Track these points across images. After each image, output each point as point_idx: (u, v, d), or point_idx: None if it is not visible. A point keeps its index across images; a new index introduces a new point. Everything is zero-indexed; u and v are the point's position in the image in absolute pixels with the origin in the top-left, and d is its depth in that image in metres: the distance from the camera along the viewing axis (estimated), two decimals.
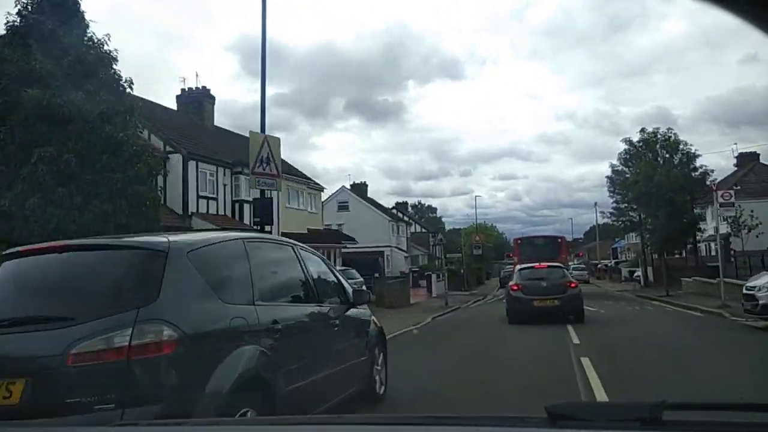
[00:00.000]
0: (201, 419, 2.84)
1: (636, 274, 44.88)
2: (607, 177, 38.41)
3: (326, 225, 52.00)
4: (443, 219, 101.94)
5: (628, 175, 37.48)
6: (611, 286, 43.96)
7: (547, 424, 1.43)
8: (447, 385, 7.20)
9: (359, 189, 55.10)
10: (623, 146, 37.05)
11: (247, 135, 11.83)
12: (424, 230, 68.35)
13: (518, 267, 17.40)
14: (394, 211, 66.92)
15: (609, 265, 66.61)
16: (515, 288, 15.16)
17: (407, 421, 1.87)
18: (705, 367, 8.52)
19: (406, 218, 66.07)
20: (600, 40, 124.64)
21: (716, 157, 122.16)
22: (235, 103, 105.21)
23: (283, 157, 12.38)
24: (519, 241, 30.18)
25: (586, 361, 8.32)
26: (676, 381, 7.21)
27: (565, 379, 7.31)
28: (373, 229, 49.18)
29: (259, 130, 10.90)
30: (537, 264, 16.18)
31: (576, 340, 11.33)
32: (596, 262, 76.70)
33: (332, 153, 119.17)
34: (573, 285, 15.09)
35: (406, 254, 49.90)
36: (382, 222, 50.02)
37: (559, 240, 29.73)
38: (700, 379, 7.41)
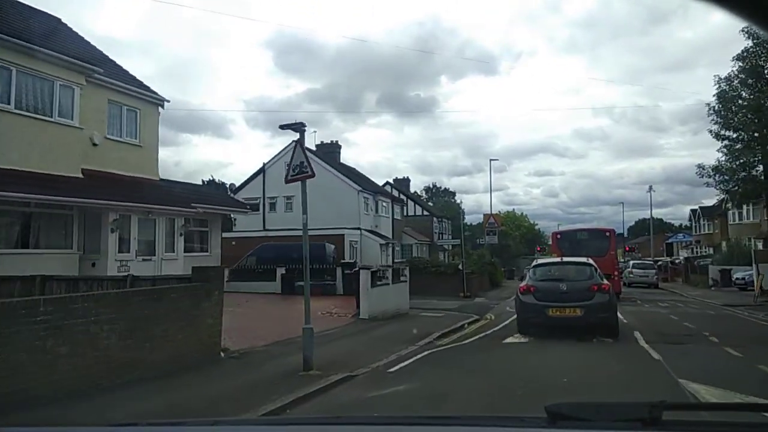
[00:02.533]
0: (201, 419, 2.92)
1: (741, 277, 27.99)
2: (712, 105, 21.72)
3: (270, 197, 36.58)
4: (477, 213, 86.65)
5: (743, 101, 20.96)
6: (701, 295, 27.10)
7: (547, 424, 1.43)
8: None
9: (327, 150, 39.21)
10: (744, 42, 20.26)
11: None
12: (426, 214, 52.14)
13: (534, 263, 13.39)
14: (388, 187, 50.92)
15: (678, 261, 49.30)
16: (524, 290, 11.59)
17: (407, 422, 1.90)
18: None
19: (402, 196, 49.99)
20: (640, 33, 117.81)
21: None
22: (269, 99, 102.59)
23: None
24: (558, 236, 25.16)
25: None
26: None
27: None
28: (337, 204, 33.49)
29: None
30: (558, 260, 13.52)
31: None
32: (650, 259, 59.97)
33: (365, 149, 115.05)
34: (604, 287, 11.28)
35: (383, 241, 33.97)
36: (349, 195, 34.18)
37: (607, 234, 24.31)
38: None
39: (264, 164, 35.20)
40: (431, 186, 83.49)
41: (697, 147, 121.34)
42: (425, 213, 51.95)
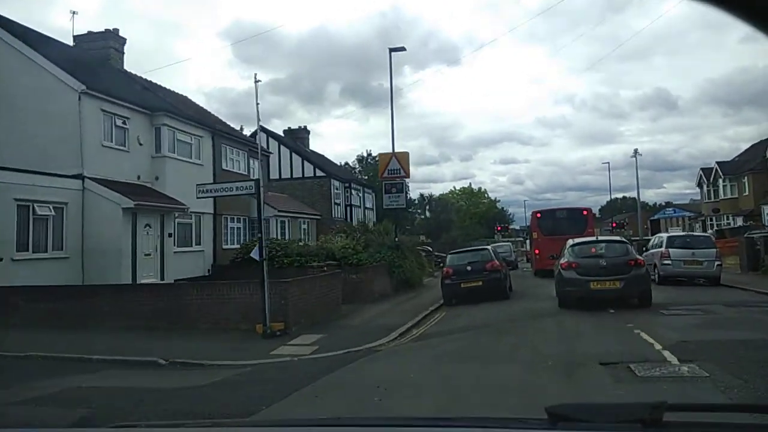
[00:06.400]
0: (200, 420, 2.96)
1: None
2: None
3: None
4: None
5: None
6: None
7: (548, 425, 1.40)
8: None
9: (100, 45, 20.29)
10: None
11: None
12: (322, 175, 33.58)
13: (570, 242, 14.06)
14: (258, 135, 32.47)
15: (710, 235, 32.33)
16: (566, 266, 12.80)
17: (407, 422, 1.86)
18: None
19: (283, 148, 31.31)
20: (598, 22, 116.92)
21: (717, 140, 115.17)
22: (231, 90, 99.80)
23: None
24: (539, 215, 25.93)
25: None
26: None
27: None
28: (37, 125, 14.84)
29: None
30: (594, 238, 14.84)
31: None
32: (637, 237, 45.37)
33: (332, 140, 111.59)
34: (640, 262, 12.74)
35: (131, 204, 15.36)
36: (64, 103, 15.64)
37: (584, 213, 25.06)
38: None
39: None
40: (366, 155, 64.42)
41: (656, 133, 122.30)
42: (319, 174, 33.40)
